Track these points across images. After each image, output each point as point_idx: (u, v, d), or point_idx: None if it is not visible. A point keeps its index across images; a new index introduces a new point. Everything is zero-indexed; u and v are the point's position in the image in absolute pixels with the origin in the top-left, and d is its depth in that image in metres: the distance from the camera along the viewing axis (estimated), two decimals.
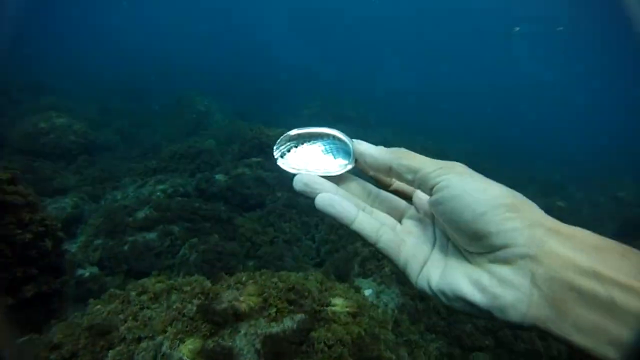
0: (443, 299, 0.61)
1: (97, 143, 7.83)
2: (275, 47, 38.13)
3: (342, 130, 0.79)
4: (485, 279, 0.56)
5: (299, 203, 5.67)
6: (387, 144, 0.74)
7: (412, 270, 0.66)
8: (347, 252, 4.28)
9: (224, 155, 7.42)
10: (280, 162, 0.79)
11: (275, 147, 0.79)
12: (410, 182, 0.67)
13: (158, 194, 5.12)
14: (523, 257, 0.52)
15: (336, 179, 0.75)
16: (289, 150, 0.81)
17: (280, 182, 6.06)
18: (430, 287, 0.63)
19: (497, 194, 0.57)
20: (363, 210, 0.72)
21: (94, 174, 6.10)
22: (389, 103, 17.88)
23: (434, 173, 0.62)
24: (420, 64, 41.85)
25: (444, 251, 0.66)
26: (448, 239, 0.66)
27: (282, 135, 0.80)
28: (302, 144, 0.81)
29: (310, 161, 0.79)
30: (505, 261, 0.54)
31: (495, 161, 11.28)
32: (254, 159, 6.56)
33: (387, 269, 3.83)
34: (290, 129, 0.79)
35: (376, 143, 0.73)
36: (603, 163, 14.68)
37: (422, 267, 0.66)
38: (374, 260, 4.01)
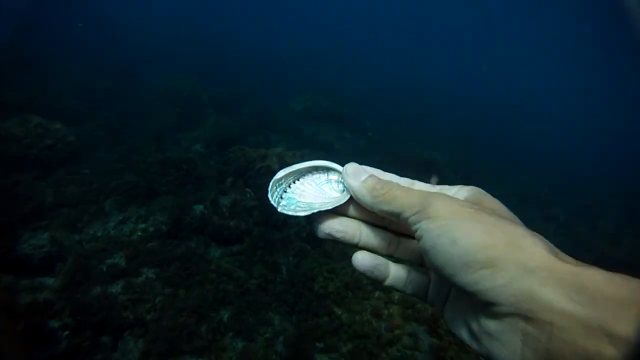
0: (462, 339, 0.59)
1: (79, 145, 7.66)
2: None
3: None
4: (477, 329, 0.54)
5: (275, 239, 5.74)
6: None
7: (439, 310, 0.67)
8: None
9: (208, 169, 7.37)
10: (281, 209, 0.77)
11: (269, 196, 0.79)
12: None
13: (139, 233, 5.11)
14: (511, 315, 0.47)
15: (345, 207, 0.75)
16: (285, 191, 0.81)
17: (262, 213, 6.09)
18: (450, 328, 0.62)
19: (469, 247, 0.51)
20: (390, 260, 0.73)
21: (74, 193, 6.02)
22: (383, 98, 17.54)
23: (411, 219, 0.61)
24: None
25: (456, 291, 0.64)
26: None
27: (273, 174, 0.81)
28: (294, 182, 0.82)
29: (310, 198, 0.79)
30: (494, 316, 0.50)
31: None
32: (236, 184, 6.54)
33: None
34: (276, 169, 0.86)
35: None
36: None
37: (443, 306, 0.66)
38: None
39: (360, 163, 0.76)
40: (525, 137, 19.63)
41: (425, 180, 0.76)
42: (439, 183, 0.75)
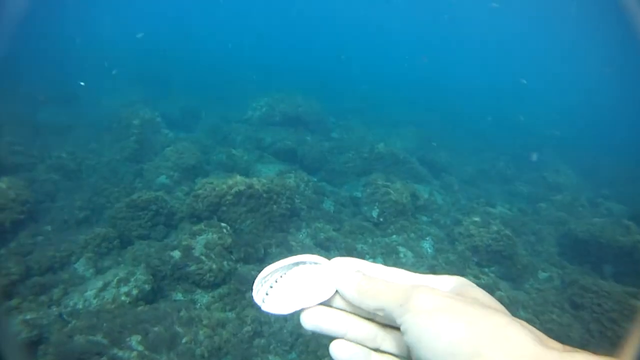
0: None
1: (35, 198, 7.19)
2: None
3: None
4: None
5: None
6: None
7: None
8: None
9: (178, 203, 7.15)
10: (266, 307, 0.80)
11: (254, 294, 0.81)
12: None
13: (122, 298, 4.94)
14: None
15: (331, 301, 0.78)
16: (271, 287, 0.83)
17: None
18: None
19: (453, 339, 0.52)
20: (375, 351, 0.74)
21: (40, 262, 5.71)
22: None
23: (394, 313, 0.63)
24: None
25: None
26: None
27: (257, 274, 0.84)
28: (280, 277, 0.84)
29: (296, 292, 0.80)
30: None
31: None
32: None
33: None
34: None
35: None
36: None
37: None
38: None
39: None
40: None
41: None
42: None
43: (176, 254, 5.74)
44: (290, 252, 6.30)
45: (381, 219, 8.17)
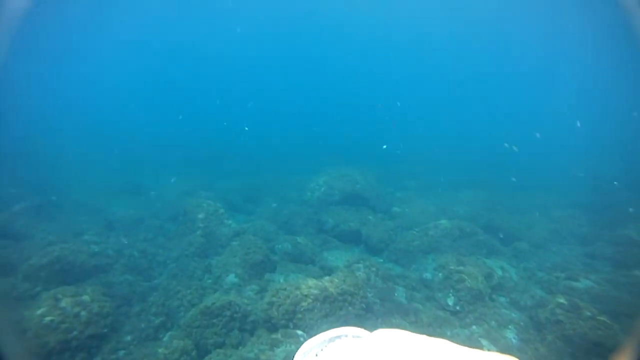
0: None
1: (114, 307, 7.40)
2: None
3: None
4: None
5: None
6: None
7: None
8: None
9: (251, 307, 7.08)
10: None
11: None
12: None
13: None
14: None
15: None
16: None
17: None
18: None
19: None
20: None
21: None
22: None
23: None
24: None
25: None
26: None
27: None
28: (320, 351, 0.86)
29: None
30: None
31: None
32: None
33: None
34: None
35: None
36: None
37: None
38: None
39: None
40: None
41: None
42: None
43: None
44: None
45: (458, 307, 7.68)
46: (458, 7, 34.85)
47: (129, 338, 6.85)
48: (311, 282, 6.47)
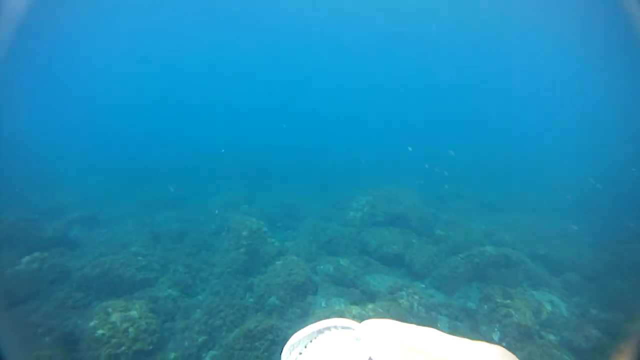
0: None
1: (159, 321, 7.57)
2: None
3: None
4: None
5: None
6: None
7: None
8: None
9: (292, 330, 7.05)
10: None
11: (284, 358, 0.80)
12: None
13: None
14: None
15: None
16: (300, 353, 0.82)
17: None
18: None
19: None
20: None
21: None
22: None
23: None
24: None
25: None
26: None
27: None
28: (309, 342, 0.84)
29: (328, 355, 0.79)
30: None
31: None
32: None
33: None
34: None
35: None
36: None
37: None
38: None
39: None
40: None
41: None
42: None
43: None
44: None
45: (504, 344, 7.29)
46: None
47: (172, 356, 6.98)
48: (355, 309, 6.37)
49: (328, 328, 0.87)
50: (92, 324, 6.84)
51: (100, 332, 6.65)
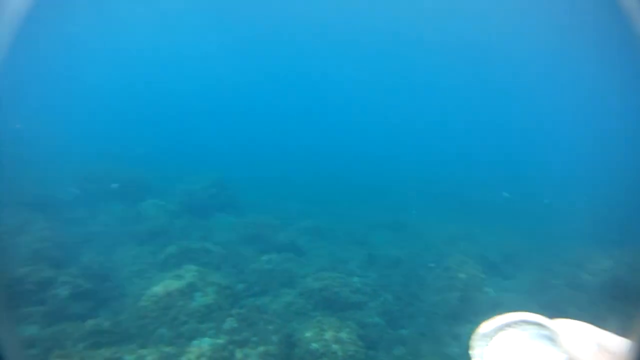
0: None
1: (367, 346, 7.65)
2: None
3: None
4: None
5: None
6: None
7: None
8: None
9: None
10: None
11: (473, 352, 0.80)
12: None
13: None
14: None
15: None
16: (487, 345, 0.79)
17: None
18: None
19: None
20: None
21: None
22: None
23: None
24: None
25: None
26: None
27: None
28: (497, 333, 0.81)
29: (519, 352, 0.75)
30: None
31: None
32: None
33: None
34: None
35: None
36: None
37: None
38: None
39: None
40: None
41: None
42: None
43: None
44: None
45: None
46: None
47: None
48: None
49: (516, 322, 0.81)
50: (308, 334, 7.45)
51: (314, 345, 7.17)
